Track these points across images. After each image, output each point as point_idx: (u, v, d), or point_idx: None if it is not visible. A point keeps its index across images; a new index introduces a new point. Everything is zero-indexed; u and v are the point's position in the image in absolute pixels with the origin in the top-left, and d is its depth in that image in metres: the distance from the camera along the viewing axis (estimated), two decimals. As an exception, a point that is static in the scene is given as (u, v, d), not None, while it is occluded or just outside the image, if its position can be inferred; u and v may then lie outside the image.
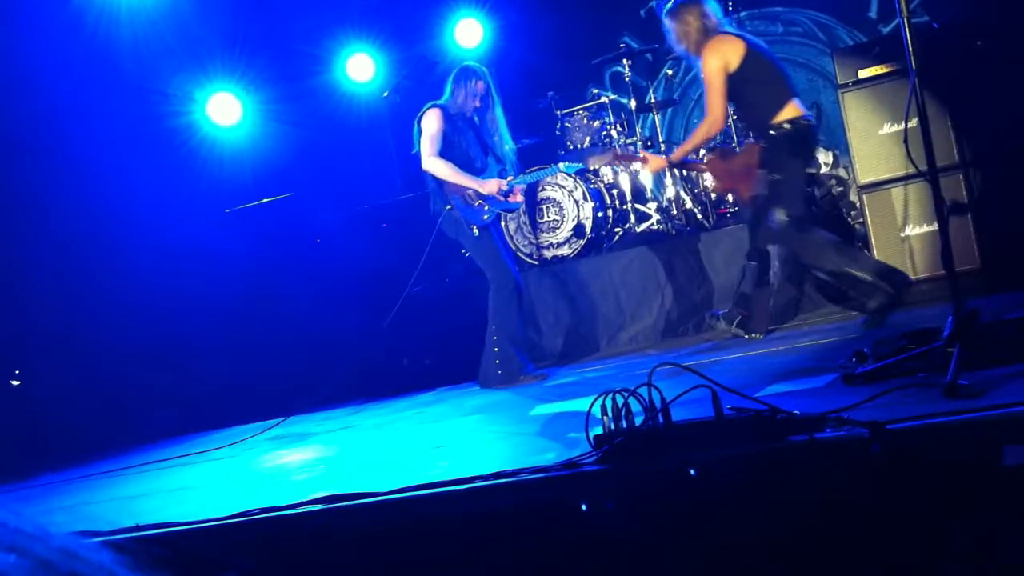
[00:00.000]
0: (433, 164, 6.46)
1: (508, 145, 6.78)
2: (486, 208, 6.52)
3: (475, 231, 6.47)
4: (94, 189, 8.07)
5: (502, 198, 6.60)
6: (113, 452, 6.99)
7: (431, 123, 6.50)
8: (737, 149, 6.32)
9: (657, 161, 6.57)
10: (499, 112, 6.72)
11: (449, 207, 6.48)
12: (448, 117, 6.52)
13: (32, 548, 0.77)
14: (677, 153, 6.37)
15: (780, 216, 5.87)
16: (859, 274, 5.75)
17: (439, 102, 6.59)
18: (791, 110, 5.92)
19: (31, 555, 0.76)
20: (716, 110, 5.99)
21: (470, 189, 6.48)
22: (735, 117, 7.52)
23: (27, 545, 0.77)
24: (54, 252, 7.91)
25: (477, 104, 6.63)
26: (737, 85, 5.96)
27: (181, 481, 5.27)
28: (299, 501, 3.52)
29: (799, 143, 5.95)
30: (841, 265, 5.81)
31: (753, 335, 6.25)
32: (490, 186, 6.55)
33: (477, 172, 6.57)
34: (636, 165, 6.73)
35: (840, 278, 5.97)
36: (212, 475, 5.31)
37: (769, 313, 6.44)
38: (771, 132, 5.95)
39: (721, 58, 5.91)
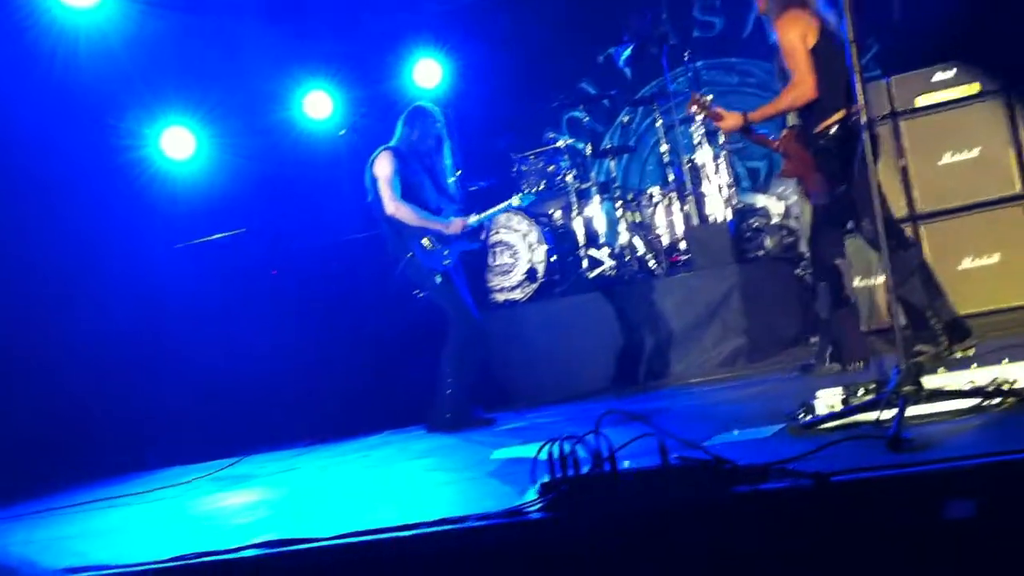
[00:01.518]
0: (398, 208, 6.39)
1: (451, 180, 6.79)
2: (446, 252, 6.48)
3: (438, 278, 6.42)
4: (48, 222, 7.96)
5: (471, 238, 6.60)
6: (55, 488, 6.84)
7: (385, 167, 6.43)
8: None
9: (733, 119, 5.76)
10: (448, 152, 6.72)
11: (410, 255, 6.42)
12: (401, 158, 6.49)
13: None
14: (757, 113, 5.72)
15: (867, 224, 5.36)
16: (930, 317, 5.37)
17: (390, 144, 6.56)
18: (840, 113, 5.39)
19: None
20: (803, 72, 5.36)
21: (428, 235, 6.43)
22: None
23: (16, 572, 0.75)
24: (1, 286, 7.76)
25: (431, 143, 6.62)
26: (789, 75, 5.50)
27: (119, 522, 5.15)
28: (238, 545, 3.45)
29: (851, 144, 5.24)
30: (917, 297, 5.38)
31: (853, 366, 5.54)
32: (455, 226, 6.53)
33: (434, 213, 6.54)
34: (717, 119, 5.88)
35: (909, 309, 5.41)
36: (151, 516, 5.20)
37: (861, 334, 5.80)
38: (820, 141, 5.47)
39: (801, 31, 5.40)
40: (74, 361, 7.79)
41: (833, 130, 5.40)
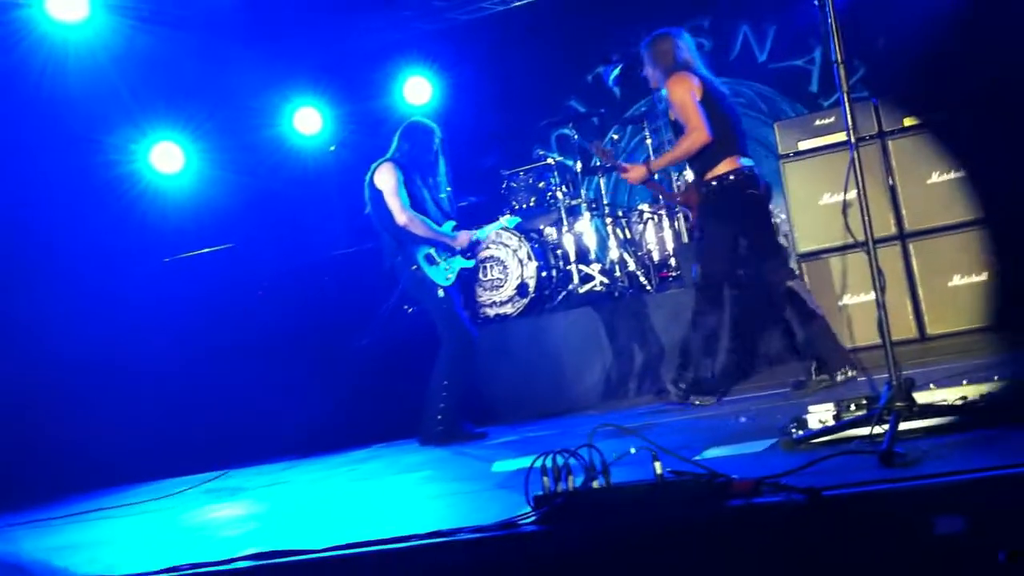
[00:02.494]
0: (410, 220, 6.36)
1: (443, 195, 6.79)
2: (448, 269, 6.48)
3: (440, 293, 6.42)
4: (38, 236, 7.94)
5: (468, 255, 6.61)
6: (41, 501, 6.79)
7: (389, 178, 6.41)
8: None
9: (638, 171, 6.20)
10: (443, 167, 6.73)
11: (415, 267, 6.41)
12: (404, 170, 6.48)
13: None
14: (658, 162, 6.26)
15: (697, 271, 6.00)
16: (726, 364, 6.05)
17: (389, 157, 6.55)
18: (726, 165, 5.85)
19: None
20: (696, 121, 5.77)
21: (434, 247, 6.44)
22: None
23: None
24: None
25: (430, 158, 6.62)
26: (682, 129, 5.91)
27: (109, 534, 5.13)
28: (229, 557, 3.44)
29: (726, 201, 5.87)
30: (696, 346, 6.05)
31: (841, 375, 5.73)
32: (462, 240, 6.54)
33: (434, 219, 6.55)
34: (622, 171, 6.34)
35: (687, 352, 6.15)
36: (141, 528, 5.18)
37: (839, 344, 6.00)
38: (702, 188, 5.95)
39: (688, 87, 5.85)
40: (61, 373, 7.75)
41: (714, 183, 5.88)
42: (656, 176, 6.20)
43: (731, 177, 5.84)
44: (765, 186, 6.04)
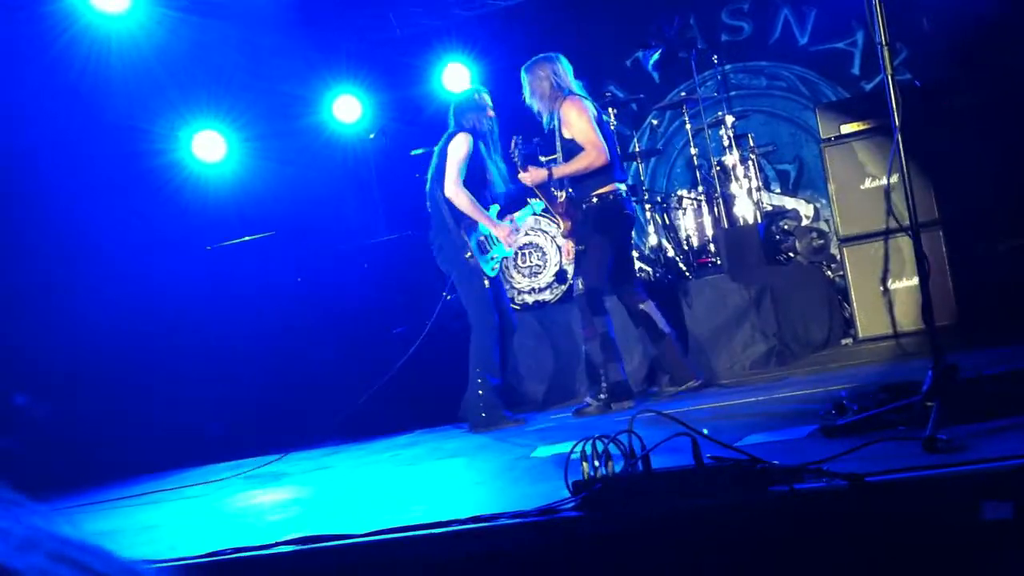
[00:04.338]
0: (456, 193, 6.39)
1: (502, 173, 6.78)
2: (494, 259, 6.49)
3: (486, 283, 6.44)
4: (76, 226, 8.03)
5: (511, 242, 6.61)
6: (83, 486, 6.89)
7: (461, 147, 6.42)
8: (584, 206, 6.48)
9: (538, 174, 6.47)
10: (496, 133, 6.72)
11: (468, 255, 6.42)
12: (475, 141, 6.49)
13: (95, 566, 0.78)
14: (559, 170, 6.42)
15: (579, 284, 6.33)
16: (601, 375, 6.31)
17: (462, 128, 6.53)
18: (609, 186, 6.28)
19: (93, 572, 0.77)
20: (596, 141, 6.17)
21: (482, 235, 6.45)
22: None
23: (90, 562, 0.78)
24: (33, 290, 7.83)
25: (491, 114, 6.62)
26: (577, 148, 6.24)
27: (152, 519, 5.19)
28: (273, 542, 3.48)
29: (608, 217, 6.28)
30: (594, 358, 6.35)
31: (687, 386, 6.40)
32: (502, 229, 6.51)
33: (492, 196, 6.58)
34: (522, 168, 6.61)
35: (589, 365, 6.48)
36: (184, 513, 5.24)
37: (683, 359, 6.59)
38: (583, 204, 6.32)
39: (584, 109, 6.27)
40: (103, 361, 7.84)
41: (594, 199, 6.29)
42: (553, 187, 6.54)
43: (611, 197, 6.29)
44: (632, 214, 6.53)
